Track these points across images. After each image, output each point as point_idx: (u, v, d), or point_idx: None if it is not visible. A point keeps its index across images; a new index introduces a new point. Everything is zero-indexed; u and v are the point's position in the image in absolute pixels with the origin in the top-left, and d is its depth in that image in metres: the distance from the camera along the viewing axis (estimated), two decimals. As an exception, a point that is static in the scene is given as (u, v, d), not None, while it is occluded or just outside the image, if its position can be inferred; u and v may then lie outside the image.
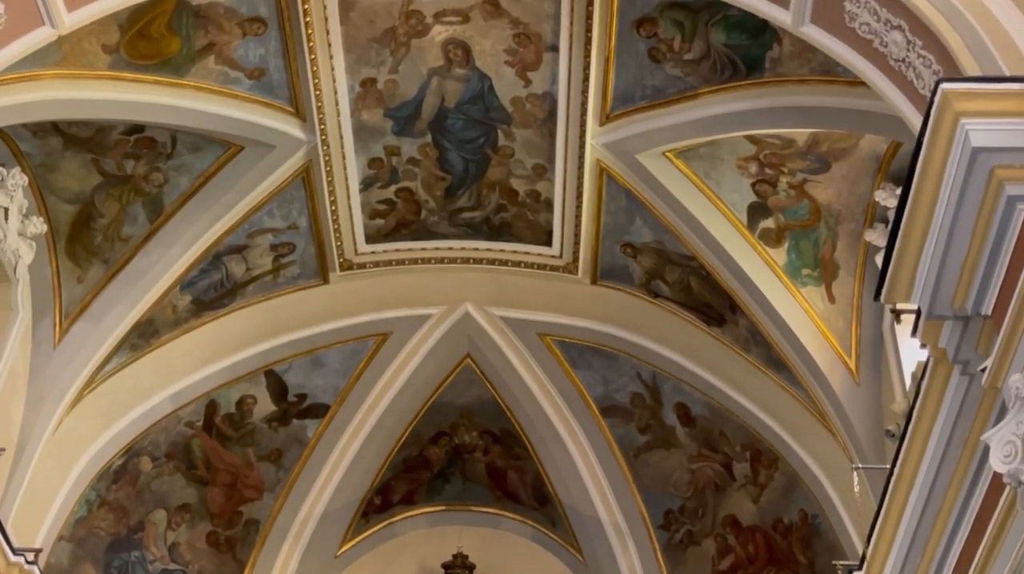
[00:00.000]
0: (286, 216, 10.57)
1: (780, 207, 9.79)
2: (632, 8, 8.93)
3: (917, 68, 6.52)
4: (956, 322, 5.98)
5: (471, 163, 10.54)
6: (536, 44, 9.45)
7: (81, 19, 7.44)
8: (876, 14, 6.65)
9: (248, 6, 8.91)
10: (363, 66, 9.60)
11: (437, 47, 9.55)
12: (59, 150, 9.55)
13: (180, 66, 9.11)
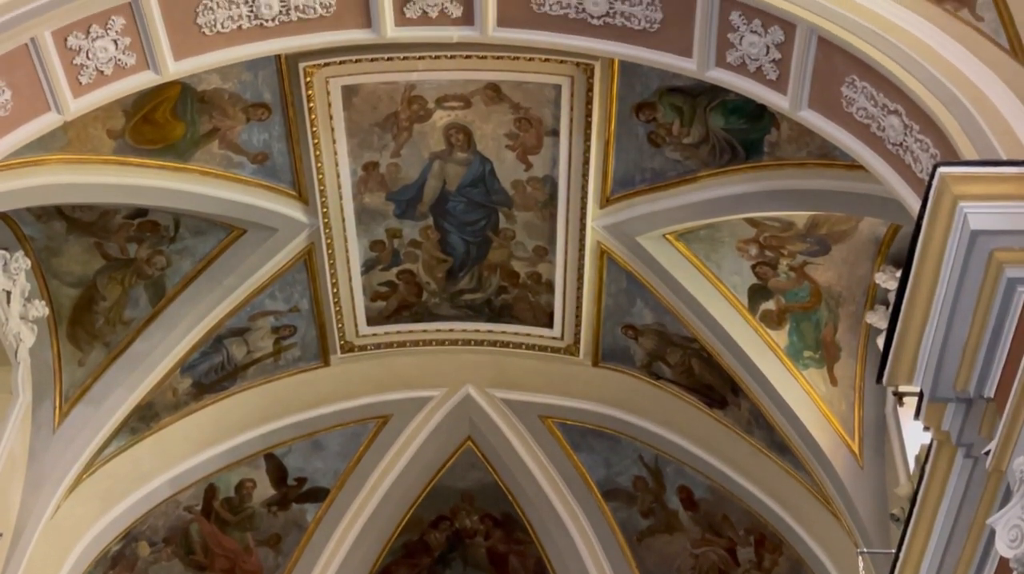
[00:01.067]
0: (288, 298, 10.60)
1: (781, 289, 9.81)
2: (631, 93, 9.05)
3: (915, 152, 6.59)
4: (959, 405, 5.96)
5: (472, 245, 10.59)
6: (537, 128, 9.56)
7: (87, 105, 7.54)
8: (873, 99, 6.74)
9: (252, 92, 9.03)
10: (366, 150, 9.70)
11: (439, 131, 9.66)
12: (62, 234, 9.62)
13: (184, 150, 9.22)
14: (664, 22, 7.51)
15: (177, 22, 7.47)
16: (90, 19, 7.22)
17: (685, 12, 7.38)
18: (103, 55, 7.35)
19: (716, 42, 7.42)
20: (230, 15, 7.58)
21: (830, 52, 6.90)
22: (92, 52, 7.30)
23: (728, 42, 7.36)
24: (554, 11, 7.71)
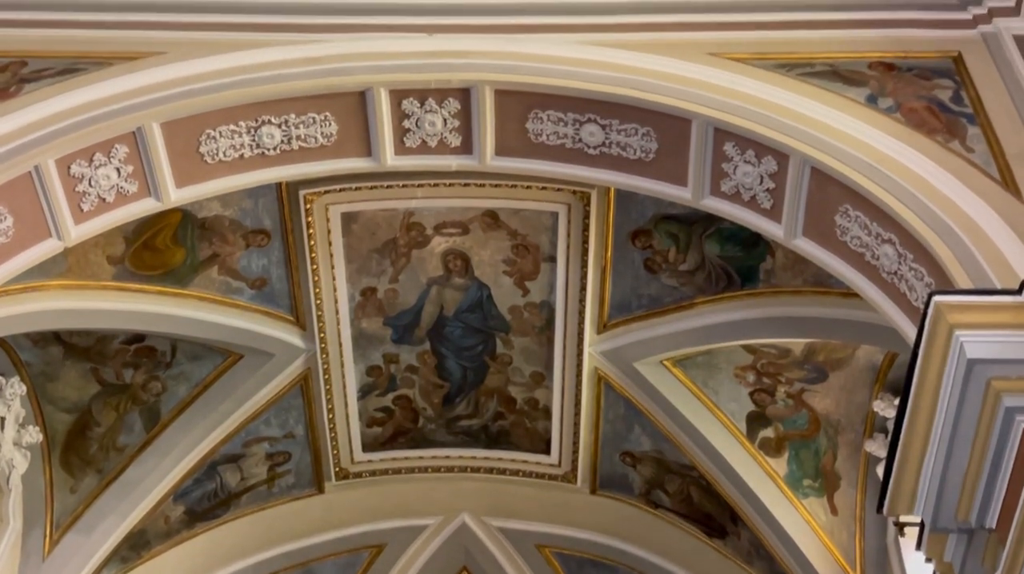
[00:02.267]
0: (283, 425, 10.53)
1: (779, 417, 9.78)
2: (627, 221, 9.14)
3: (909, 280, 6.63)
4: (960, 535, 5.89)
5: (469, 371, 10.57)
6: (534, 255, 9.62)
7: (87, 231, 7.59)
8: (867, 228, 6.81)
9: (252, 218, 9.11)
10: (364, 276, 9.75)
11: (437, 257, 9.72)
12: (59, 359, 9.61)
13: (183, 276, 9.27)
14: (659, 152, 7.63)
15: (180, 150, 7.58)
16: (94, 147, 7.32)
17: (679, 142, 7.50)
18: (105, 183, 7.44)
19: (710, 171, 7.52)
20: (232, 144, 7.70)
21: (823, 182, 7.00)
22: (95, 180, 7.39)
23: (722, 171, 7.47)
24: (551, 141, 7.83)
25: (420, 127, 7.85)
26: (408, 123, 7.83)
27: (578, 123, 7.71)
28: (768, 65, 7.53)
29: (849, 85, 7.31)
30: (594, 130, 7.70)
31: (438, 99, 7.75)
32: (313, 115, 7.73)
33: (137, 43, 7.84)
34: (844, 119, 7.07)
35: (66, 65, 7.66)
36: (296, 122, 7.73)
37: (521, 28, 7.94)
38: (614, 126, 7.66)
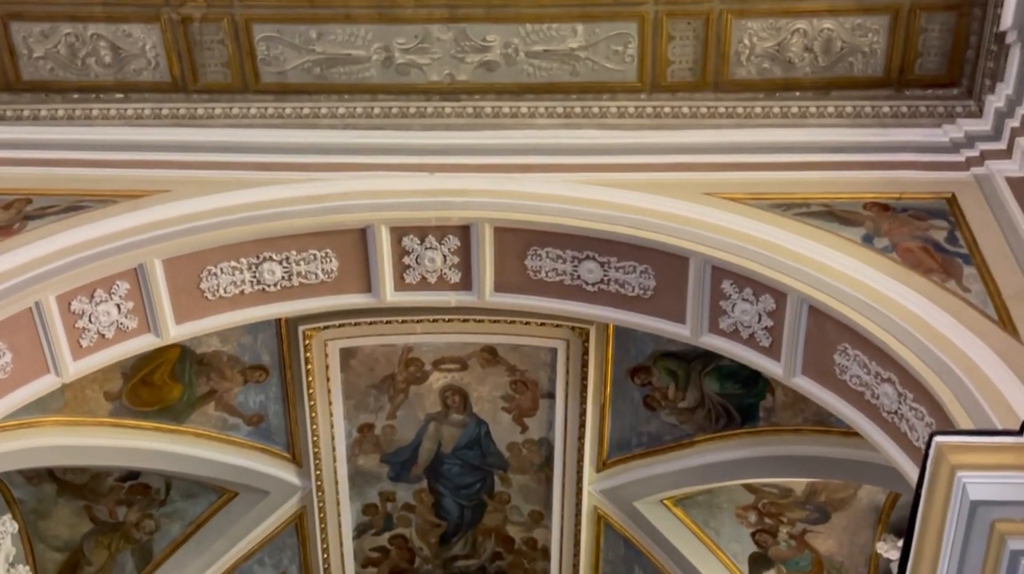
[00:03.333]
0: (277, 564, 10.35)
1: (781, 558, 9.62)
2: (626, 357, 9.14)
3: (910, 420, 6.59)
4: None
5: (467, 509, 10.44)
6: (533, 391, 9.60)
7: (86, 368, 7.58)
8: (866, 367, 6.80)
9: (251, 354, 9.12)
10: (361, 412, 9.71)
11: (435, 393, 9.70)
12: (52, 497, 9.50)
13: (180, 412, 9.24)
14: (657, 289, 7.67)
15: (180, 287, 7.62)
16: (95, 284, 7.36)
17: (677, 280, 7.54)
18: (105, 319, 7.46)
19: (709, 309, 7.55)
20: (233, 280, 7.74)
21: (821, 320, 7.02)
22: (95, 316, 7.41)
23: (720, 309, 7.50)
24: (550, 278, 7.87)
25: (420, 263, 7.90)
26: (408, 259, 7.89)
27: (576, 260, 7.77)
28: (764, 205, 7.61)
29: (845, 225, 7.38)
30: (592, 267, 7.75)
31: (438, 236, 7.82)
32: (314, 252, 7.80)
33: (141, 181, 7.94)
34: (841, 258, 7.12)
35: (70, 203, 7.75)
36: (297, 258, 7.79)
37: (520, 168, 8.05)
38: (612, 263, 7.71)
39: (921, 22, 7.99)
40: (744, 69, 8.26)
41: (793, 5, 8.00)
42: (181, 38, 8.27)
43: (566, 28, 8.21)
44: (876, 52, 8.13)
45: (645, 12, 8.11)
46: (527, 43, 8.29)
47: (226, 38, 8.27)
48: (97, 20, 8.23)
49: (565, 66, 8.35)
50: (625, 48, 8.26)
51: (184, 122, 8.43)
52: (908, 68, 8.14)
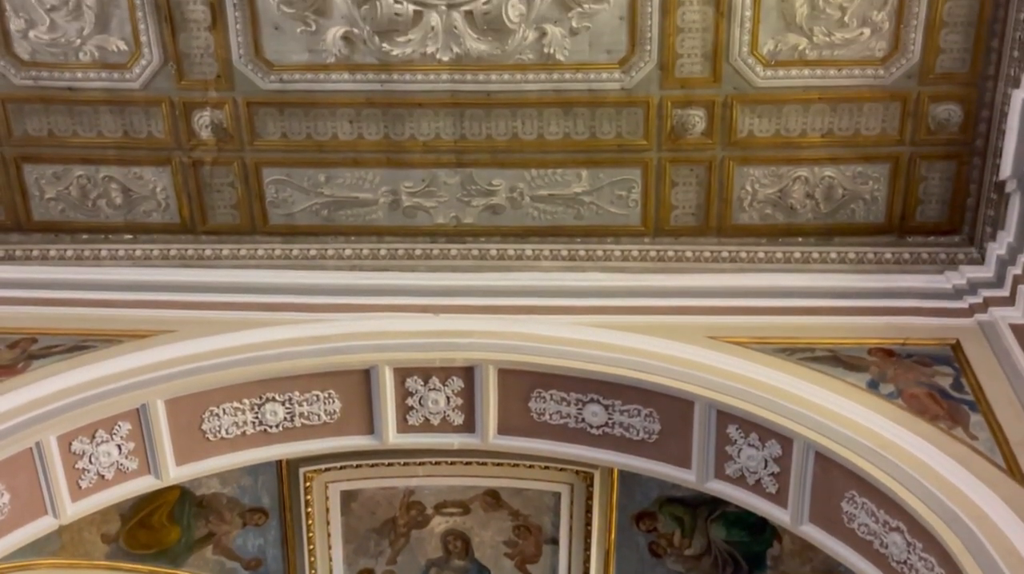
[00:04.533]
0: None
1: None
2: (631, 502, 9.03)
3: (919, 570, 6.47)
4: None
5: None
6: (536, 536, 9.46)
7: (84, 509, 7.49)
8: (874, 515, 6.71)
9: (251, 496, 9.02)
10: (361, 557, 9.55)
11: (436, 538, 9.55)
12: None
13: (178, 556, 9.09)
14: (662, 433, 7.62)
15: (182, 427, 7.58)
16: (97, 424, 7.32)
17: (682, 424, 7.50)
18: (106, 459, 7.40)
19: (714, 454, 7.48)
20: (235, 421, 7.71)
21: (828, 467, 6.95)
22: (95, 456, 7.35)
23: (726, 454, 7.43)
24: (554, 421, 7.83)
25: (423, 405, 7.87)
26: (411, 401, 7.86)
27: (581, 403, 7.74)
28: (769, 349, 7.62)
29: (850, 370, 7.37)
30: (597, 410, 7.72)
31: (442, 378, 7.81)
32: (317, 393, 7.78)
33: (147, 321, 7.98)
34: (846, 404, 7.09)
35: (75, 342, 7.77)
36: (300, 399, 7.77)
37: (524, 309, 8.08)
38: (617, 407, 7.68)
39: (921, 171, 8.13)
40: (747, 214, 8.37)
41: (794, 154, 8.14)
42: (192, 180, 8.41)
43: (571, 173, 8.35)
44: (877, 199, 8.25)
45: (648, 159, 8.25)
46: (532, 187, 8.42)
47: (236, 181, 8.41)
48: (109, 163, 8.39)
49: (570, 210, 8.46)
50: (629, 193, 8.38)
51: (192, 263, 8.52)
52: (909, 215, 8.25)
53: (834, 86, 7.90)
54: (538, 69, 7.99)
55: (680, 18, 7.75)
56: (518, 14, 7.79)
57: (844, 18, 7.69)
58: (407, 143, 8.27)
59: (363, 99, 8.12)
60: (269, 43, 7.95)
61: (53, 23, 7.92)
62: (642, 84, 7.99)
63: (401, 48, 7.92)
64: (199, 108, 8.17)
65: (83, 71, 8.07)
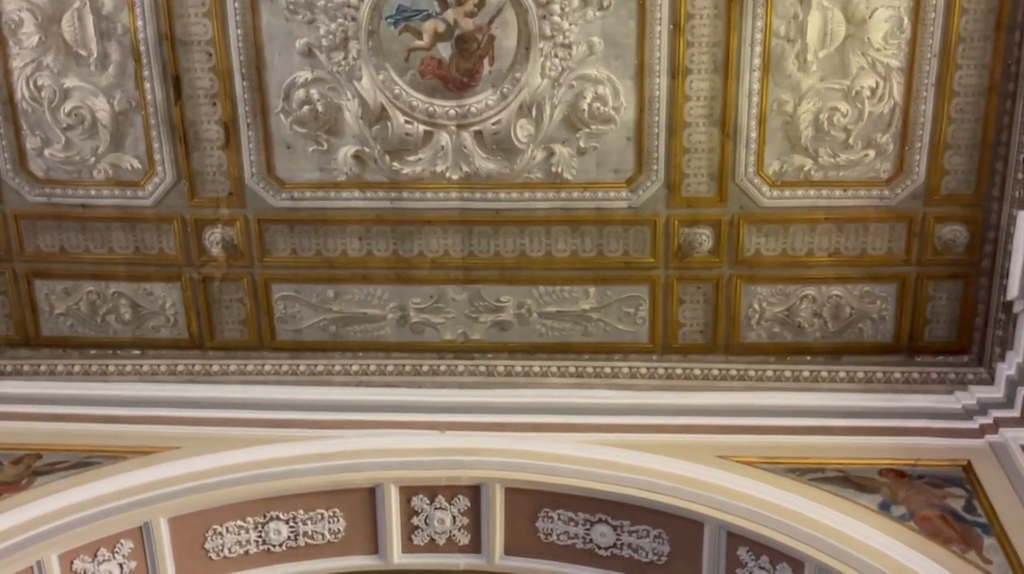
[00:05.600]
0: None
1: None
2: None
3: None
4: None
5: None
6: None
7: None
8: None
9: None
10: None
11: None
12: None
13: None
14: (671, 555, 7.51)
15: (184, 546, 7.49)
16: (99, 542, 7.24)
17: (692, 546, 7.39)
18: (105, 580, 7.34)
19: None
20: (238, 540, 7.62)
21: (841, 590, 6.85)
22: (96, 576, 7.30)
23: (737, 578, 7.34)
24: (561, 541, 7.74)
25: (429, 524, 7.79)
26: (417, 520, 7.78)
27: (589, 523, 7.65)
28: (778, 469, 7.55)
29: (861, 492, 7.29)
30: (605, 530, 7.63)
31: (448, 496, 7.74)
32: (321, 511, 7.70)
33: (152, 438, 7.94)
34: (858, 527, 6.99)
35: (80, 459, 7.72)
36: (304, 518, 7.69)
37: (532, 427, 8.04)
38: (625, 527, 7.59)
39: (928, 290, 8.15)
40: (755, 333, 8.37)
41: (801, 273, 8.18)
42: (201, 296, 8.45)
43: (578, 290, 8.39)
44: (885, 319, 8.26)
45: (656, 276, 8.29)
46: (540, 304, 8.44)
47: (245, 297, 8.45)
48: (120, 279, 8.45)
49: (577, 327, 8.47)
50: (636, 310, 8.40)
51: (199, 378, 8.52)
52: (918, 335, 8.25)
53: (840, 206, 7.98)
54: (546, 188, 8.09)
55: (686, 139, 7.86)
56: (527, 134, 7.90)
57: (849, 140, 7.80)
58: (416, 259, 8.33)
59: (373, 216, 8.20)
60: (281, 161, 8.06)
61: (68, 141, 8.05)
62: (649, 203, 8.07)
63: (411, 167, 8.02)
64: (210, 225, 8.25)
65: (96, 188, 8.18)
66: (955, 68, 7.55)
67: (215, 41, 7.73)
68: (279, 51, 7.76)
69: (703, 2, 7.50)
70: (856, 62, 7.60)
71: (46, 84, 7.91)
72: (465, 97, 7.83)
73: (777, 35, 7.55)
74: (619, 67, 7.71)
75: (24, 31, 7.79)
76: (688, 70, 7.68)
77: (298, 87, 7.84)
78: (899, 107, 7.69)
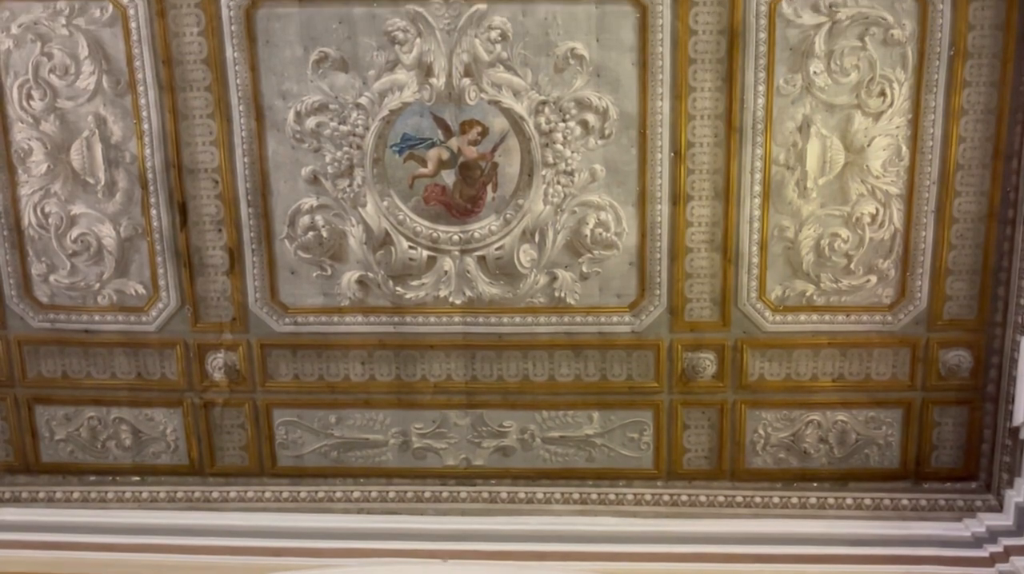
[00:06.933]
0: None
1: None
2: None
3: None
4: None
5: None
6: None
7: None
8: None
9: None
10: None
11: None
12: None
13: None
14: None
15: None
16: None
17: None
18: None
19: None
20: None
21: None
22: None
23: None
24: None
25: (430, 654, 7.64)
26: (418, 647, 7.64)
27: (593, 653, 7.51)
28: (788, 597, 7.45)
29: (872, 624, 7.18)
30: (610, 662, 7.48)
31: (450, 628, 7.61)
32: (321, 644, 7.58)
33: (148, 567, 7.77)
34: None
35: (73, 591, 7.63)
36: (303, 651, 7.56)
37: (535, 555, 7.92)
38: (630, 659, 7.45)
39: (934, 416, 8.11)
40: (760, 458, 8.30)
41: (806, 398, 8.15)
42: (202, 422, 8.41)
43: (582, 415, 8.34)
44: (891, 444, 8.20)
45: (660, 401, 8.25)
46: (543, 429, 8.39)
47: (246, 422, 8.40)
48: (121, 404, 8.43)
49: (581, 452, 8.41)
50: (641, 435, 8.34)
51: (199, 505, 8.43)
52: (924, 461, 8.18)
53: (843, 331, 7.98)
54: (549, 312, 8.10)
55: (688, 264, 7.89)
56: (530, 259, 7.95)
57: (850, 265, 7.84)
58: (418, 384, 8.30)
59: (376, 341, 8.20)
60: (285, 287, 8.09)
61: (74, 267, 8.10)
62: (652, 327, 8.07)
63: (414, 291, 8.05)
64: (213, 350, 8.25)
65: (100, 314, 8.21)
66: (954, 195, 7.63)
67: (221, 169, 7.83)
68: (285, 178, 7.85)
69: (703, 131, 7.61)
70: (856, 189, 7.68)
71: (53, 211, 7.99)
72: (468, 223, 7.90)
73: (777, 162, 7.64)
74: (621, 193, 7.79)
75: (33, 159, 7.90)
76: (689, 196, 7.75)
77: (303, 213, 7.91)
78: (900, 233, 7.74)
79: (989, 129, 7.48)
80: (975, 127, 7.49)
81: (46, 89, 7.73)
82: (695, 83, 7.51)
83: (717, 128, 7.59)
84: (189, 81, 7.65)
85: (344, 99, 7.63)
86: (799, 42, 7.42)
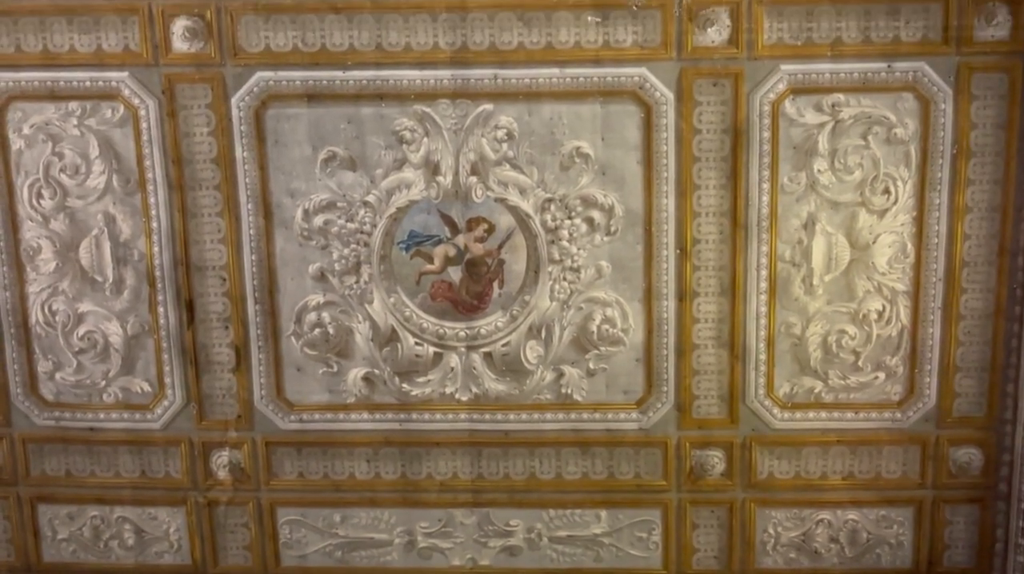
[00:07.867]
0: None
1: None
2: None
3: None
4: None
5: None
6: None
7: None
8: None
9: None
10: None
11: None
12: None
13: None
14: None
15: None
16: None
17: None
18: None
19: None
20: None
21: None
22: None
23: None
24: None
25: None
26: None
27: None
28: None
29: None
30: None
31: None
32: None
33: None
34: None
35: None
36: None
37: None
38: None
39: (946, 514, 8.02)
40: (771, 558, 8.19)
41: (816, 496, 8.06)
42: (205, 521, 8.33)
43: (589, 514, 8.26)
44: (903, 544, 8.09)
45: (668, 500, 8.17)
46: (550, 528, 8.30)
47: (250, 521, 8.32)
48: (125, 503, 8.35)
49: (589, 552, 8.31)
50: (649, 535, 8.25)
51: (200, 607, 8.33)
52: (937, 560, 8.07)
53: (852, 429, 7.92)
54: (556, 409, 8.06)
55: (695, 360, 7.87)
56: (536, 356, 7.93)
57: (858, 362, 7.81)
58: (424, 482, 8.23)
59: (381, 438, 8.15)
60: (291, 384, 8.07)
61: (80, 365, 8.09)
62: (660, 425, 8.03)
63: (420, 388, 8.03)
64: (218, 448, 8.20)
65: (105, 412, 8.18)
66: (961, 292, 7.64)
67: (229, 266, 7.86)
68: (292, 275, 7.87)
69: (708, 227, 7.65)
70: (862, 286, 7.69)
71: (61, 309, 8.01)
72: (475, 319, 7.90)
73: (783, 259, 7.66)
74: (627, 290, 7.80)
75: (42, 257, 7.94)
76: (695, 293, 7.76)
77: (310, 310, 7.92)
78: (907, 330, 7.73)
79: (994, 226, 7.51)
80: (980, 224, 7.53)
81: (56, 188, 7.81)
82: (699, 181, 7.57)
83: (722, 225, 7.63)
84: (199, 180, 7.72)
85: (352, 197, 7.69)
86: (803, 141, 7.49)
